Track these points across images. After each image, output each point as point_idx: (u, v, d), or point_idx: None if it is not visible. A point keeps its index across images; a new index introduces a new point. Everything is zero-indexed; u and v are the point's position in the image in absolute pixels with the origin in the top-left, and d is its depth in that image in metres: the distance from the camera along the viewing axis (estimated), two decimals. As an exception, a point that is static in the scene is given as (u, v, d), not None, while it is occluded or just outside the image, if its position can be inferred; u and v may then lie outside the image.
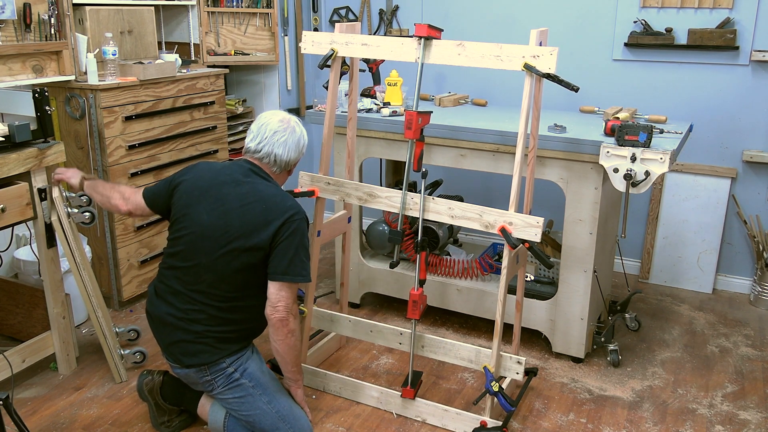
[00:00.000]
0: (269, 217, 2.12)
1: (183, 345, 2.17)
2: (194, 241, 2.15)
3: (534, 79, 2.23)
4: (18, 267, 3.11)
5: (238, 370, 2.18)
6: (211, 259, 2.13)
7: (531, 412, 2.57)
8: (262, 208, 2.13)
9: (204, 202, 2.17)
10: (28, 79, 2.77)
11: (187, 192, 2.21)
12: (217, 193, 2.17)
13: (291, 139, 2.25)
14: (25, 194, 2.46)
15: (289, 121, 2.27)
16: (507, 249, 2.29)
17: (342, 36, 2.48)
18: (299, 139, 2.28)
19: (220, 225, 2.13)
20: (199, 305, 2.15)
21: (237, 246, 2.11)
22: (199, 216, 2.16)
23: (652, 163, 2.47)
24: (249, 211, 2.13)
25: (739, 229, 3.59)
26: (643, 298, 3.58)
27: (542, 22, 3.70)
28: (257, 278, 2.17)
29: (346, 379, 2.63)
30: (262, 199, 2.15)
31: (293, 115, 2.35)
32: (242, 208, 2.13)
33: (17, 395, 2.61)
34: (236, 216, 2.13)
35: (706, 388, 2.76)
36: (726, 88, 3.44)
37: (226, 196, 2.16)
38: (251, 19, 3.93)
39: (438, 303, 3.17)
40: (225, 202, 2.15)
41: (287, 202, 2.17)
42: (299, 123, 2.30)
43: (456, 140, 2.84)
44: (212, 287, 2.15)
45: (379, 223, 3.39)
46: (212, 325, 2.16)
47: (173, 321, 2.17)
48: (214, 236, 2.13)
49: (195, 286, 2.16)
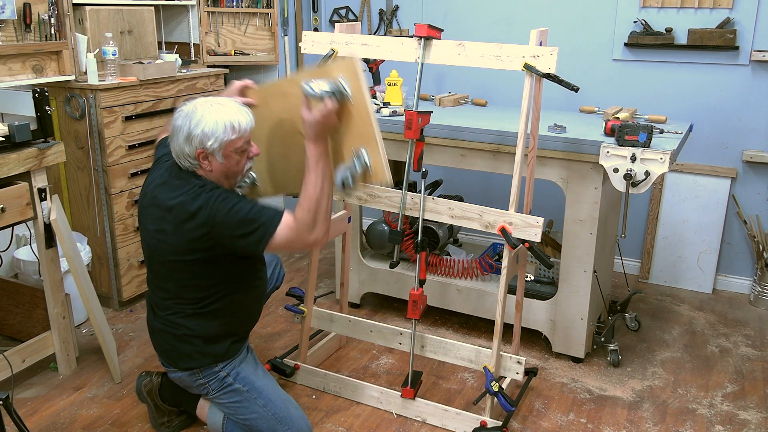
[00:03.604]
0: (183, 226, 1.98)
1: (172, 349, 2.17)
2: (146, 249, 2.14)
3: (534, 79, 2.23)
4: (18, 267, 3.11)
5: (231, 374, 2.16)
6: (163, 269, 2.10)
7: (531, 412, 2.57)
8: (173, 224, 2.00)
9: (146, 215, 2.12)
10: (28, 79, 2.77)
11: (141, 195, 2.18)
12: (153, 203, 2.08)
13: (182, 131, 1.98)
14: (25, 194, 2.46)
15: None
16: (507, 249, 2.29)
17: (342, 36, 2.48)
18: (185, 117, 1.98)
19: (153, 244, 2.09)
20: (175, 309, 2.12)
21: (174, 259, 2.04)
22: (146, 230, 2.12)
23: (652, 163, 2.47)
24: (166, 231, 2.02)
25: (739, 229, 3.59)
26: (643, 298, 3.58)
27: (542, 22, 3.70)
28: (220, 272, 2.08)
29: (346, 379, 2.63)
30: (169, 211, 2.01)
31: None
32: (159, 232, 2.04)
33: (17, 395, 2.61)
34: (161, 237, 2.04)
35: (706, 388, 2.76)
36: (726, 88, 3.44)
37: (151, 213, 2.07)
38: (251, 19, 3.93)
39: (438, 303, 3.17)
40: (149, 220, 2.08)
41: (186, 198, 1.98)
42: (208, 108, 1.98)
43: (456, 140, 2.84)
44: (178, 295, 2.11)
45: (379, 223, 3.39)
46: (193, 327, 2.12)
47: (159, 326, 2.17)
48: (154, 251, 2.09)
49: (163, 293, 2.14)
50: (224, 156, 2.00)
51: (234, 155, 2.02)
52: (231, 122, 1.97)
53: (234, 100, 2.06)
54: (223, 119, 1.97)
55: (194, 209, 1.96)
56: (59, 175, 3.23)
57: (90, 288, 2.72)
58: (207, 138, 1.95)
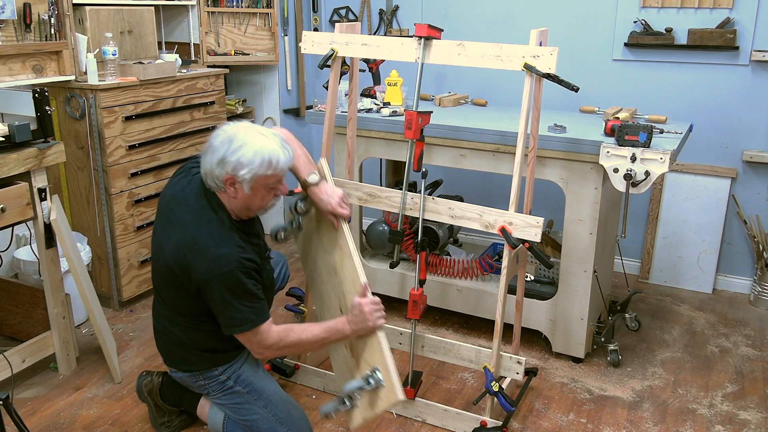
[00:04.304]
0: (191, 272, 1.94)
1: (171, 351, 2.17)
2: (153, 247, 2.13)
3: (534, 79, 2.23)
4: (18, 267, 3.11)
5: (231, 377, 2.16)
6: (161, 277, 2.08)
7: (531, 412, 2.57)
8: (185, 261, 1.95)
9: (159, 218, 2.10)
10: (28, 79, 2.77)
11: (162, 192, 2.15)
12: (167, 212, 2.05)
13: (218, 152, 1.94)
14: (25, 194, 2.46)
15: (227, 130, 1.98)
16: (507, 249, 2.29)
17: (342, 36, 2.48)
18: (223, 145, 1.93)
19: (156, 248, 2.08)
20: (172, 318, 2.12)
21: (170, 280, 2.03)
22: (155, 233, 2.10)
23: (652, 163, 2.47)
24: (178, 256, 1.97)
25: (739, 229, 3.59)
26: (643, 298, 3.58)
27: (542, 22, 3.70)
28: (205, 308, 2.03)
29: (346, 379, 2.63)
30: (188, 247, 1.95)
31: (264, 127, 2.04)
32: (175, 250, 1.97)
33: (17, 395, 2.61)
34: (166, 255, 2.00)
35: (706, 388, 2.76)
36: (726, 88, 3.44)
37: (162, 219, 2.07)
38: (251, 19, 3.93)
39: (438, 303, 3.17)
40: (160, 222, 2.06)
41: (204, 263, 1.92)
42: (251, 138, 1.94)
43: (456, 140, 2.84)
44: (173, 305, 2.09)
45: (379, 223, 3.39)
46: (187, 341, 2.12)
47: (160, 328, 2.18)
48: (156, 255, 2.07)
49: (161, 300, 2.14)
50: (252, 188, 1.96)
51: (262, 190, 1.98)
52: (270, 158, 1.92)
53: (277, 134, 1.99)
54: (262, 152, 1.91)
55: (196, 275, 1.92)
56: (59, 175, 3.23)
57: (90, 288, 2.72)
58: (241, 167, 1.91)
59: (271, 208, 2.09)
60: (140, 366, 2.83)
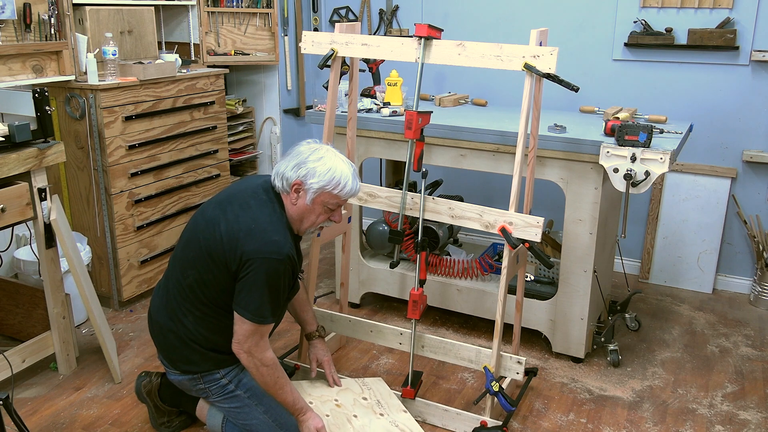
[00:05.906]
0: (241, 245, 2.00)
1: (173, 349, 2.16)
2: (190, 230, 2.15)
3: (534, 79, 2.23)
4: (18, 267, 3.11)
5: (233, 381, 2.16)
6: (194, 255, 2.09)
7: (531, 412, 2.57)
8: (238, 236, 2.01)
9: (213, 204, 2.15)
10: (28, 79, 2.77)
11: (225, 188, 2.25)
12: (228, 198, 2.13)
13: (299, 157, 2.09)
14: (25, 194, 2.46)
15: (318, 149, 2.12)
16: (507, 249, 2.29)
17: (342, 36, 2.48)
18: (310, 160, 2.07)
19: (202, 227, 2.10)
20: (186, 308, 2.11)
21: (210, 254, 2.05)
22: (203, 213, 2.14)
23: (652, 163, 2.47)
24: (233, 230, 2.03)
25: (739, 229, 3.59)
26: (643, 298, 3.58)
27: (542, 22, 3.70)
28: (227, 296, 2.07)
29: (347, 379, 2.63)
30: (246, 225, 2.03)
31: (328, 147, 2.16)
32: (233, 224, 2.04)
33: (17, 395, 2.61)
34: (221, 227, 2.05)
35: (706, 388, 2.76)
36: (726, 88, 3.44)
37: (214, 206, 2.13)
38: (251, 19, 3.93)
39: (438, 303, 3.17)
40: (219, 213, 2.09)
41: (256, 242, 1.99)
42: (332, 157, 2.09)
43: (456, 140, 2.84)
44: (192, 287, 2.09)
45: (379, 223, 3.39)
46: (200, 331, 2.12)
47: (166, 322, 2.16)
48: (201, 234, 2.09)
49: (183, 280, 2.12)
50: (313, 201, 2.07)
51: (320, 206, 2.09)
52: (341, 179, 2.06)
53: (355, 169, 2.13)
54: (335, 172, 2.06)
55: (244, 250, 1.97)
56: (59, 175, 3.23)
57: (90, 288, 2.72)
58: (313, 175, 2.04)
59: (317, 232, 2.20)
60: (140, 366, 2.83)
